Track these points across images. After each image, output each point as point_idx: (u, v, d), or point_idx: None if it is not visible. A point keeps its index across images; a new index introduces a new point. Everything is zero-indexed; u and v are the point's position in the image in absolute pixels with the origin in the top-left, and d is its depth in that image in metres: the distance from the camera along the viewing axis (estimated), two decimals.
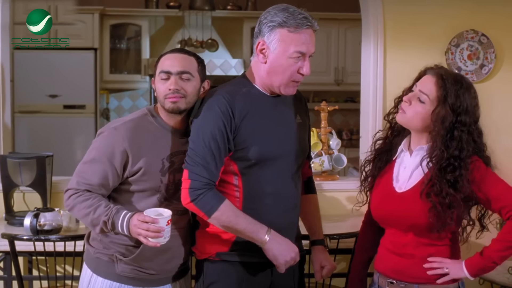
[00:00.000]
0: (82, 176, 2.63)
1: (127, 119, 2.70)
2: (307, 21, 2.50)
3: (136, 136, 2.62)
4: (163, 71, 2.64)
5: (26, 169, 3.92)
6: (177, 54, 2.70)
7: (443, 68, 2.59)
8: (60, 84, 7.39)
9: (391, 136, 2.70)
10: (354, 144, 7.67)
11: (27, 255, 3.92)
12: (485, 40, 4.32)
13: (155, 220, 2.46)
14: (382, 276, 2.65)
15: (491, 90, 4.36)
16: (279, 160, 2.60)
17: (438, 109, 2.48)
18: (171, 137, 2.69)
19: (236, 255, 2.61)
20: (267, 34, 2.51)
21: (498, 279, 3.69)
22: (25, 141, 7.18)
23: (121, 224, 2.52)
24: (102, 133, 2.67)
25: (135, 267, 2.68)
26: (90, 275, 2.74)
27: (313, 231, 2.92)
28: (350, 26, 8.02)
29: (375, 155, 2.73)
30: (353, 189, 2.82)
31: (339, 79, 8.22)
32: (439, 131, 2.48)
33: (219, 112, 2.51)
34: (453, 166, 2.46)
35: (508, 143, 4.33)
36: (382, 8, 4.29)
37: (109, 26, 7.97)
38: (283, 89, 2.57)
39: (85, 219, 2.61)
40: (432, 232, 2.49)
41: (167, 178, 2.66)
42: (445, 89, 2.49)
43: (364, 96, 4.46)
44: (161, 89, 2.65)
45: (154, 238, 2.46)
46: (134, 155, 2.60)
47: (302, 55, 2.52)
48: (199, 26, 8.20)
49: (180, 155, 2.67)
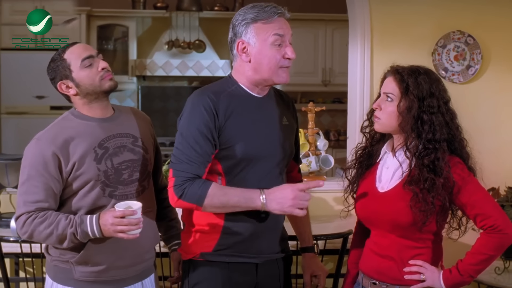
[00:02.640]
0: (26, 197, 2.57)
1: (47, 128, 2.66)
2: (277, 9, 2.53)
3: (60, 137, 2.58)
4: (85, 57, 2.62)
5: (12, 171, 3.90)
6: (79, 43, 2.70)
7: (399, 66, 2.62)
8: (47, 85, 7.21)
9: (370, 146, 2.73)
10: (341, 145, 7.69)
11: (13, 256, 3.90)
12: (472, 41, 4.35)
13: (134, 212, 2.45)
14: (365, 276, 2.67)
15: (478, 90, 4.39)
16: (263, 161, 2.59)
17: (402, 102, 2.52)
18: (98, 125, 2.66)
19: (220, 256, 2.59)
20: (243, 32, 2.54)
21: (485, 279, 3.70)
22: (12, 142, 7.16)
23: (91, 230, 2.50)
24: (28, 149, 2.62)
25: (92, 270, 2.63)
26: (50, 284, 2.70)
27: (303, 237, 2.91)
28: (337, 27, 8.04)
29: (356, 162, 2.75)
30: (341, 190, 2.82)
31: (327, 80, 8.23)
32: (408, 121, 2.51)
33: (204, 111, 2.50)
34: (428, 149, 2.49)
35: (494, 143, 4.36)
36: (369, 9, 4.30)
37: (96, 27, 7.95)
38: (276, 78, 2.57)
39: (49, 239, 2.55)
40: (416, 226, 2.49)
41: (104, 165, 2.61)
42: (404, 80, 2.53)
43: (351, 97, 4.47)
44: (92, 74, 2.62)
45: (134, 230, 2.47)
46: (63, 155, 2.56)
47: (281, 39, 2.53)
48: (186, 27, 8.20)
49: (113, 139, 2.65)
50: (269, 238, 2.66)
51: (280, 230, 2.73)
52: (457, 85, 4.35)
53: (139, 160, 2.71)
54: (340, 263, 3.70)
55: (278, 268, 2.70)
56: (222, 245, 2.58)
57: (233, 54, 2.62)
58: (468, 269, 2.49)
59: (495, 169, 4.22)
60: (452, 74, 4.34)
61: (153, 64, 8.15)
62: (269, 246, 2.67)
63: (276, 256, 2.71)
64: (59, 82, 2.67)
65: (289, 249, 2.82)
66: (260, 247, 2.63)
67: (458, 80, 4.35)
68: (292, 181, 2.76)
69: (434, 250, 2.56)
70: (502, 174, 4.13)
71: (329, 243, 3.64)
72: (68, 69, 2.63)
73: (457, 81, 4.35)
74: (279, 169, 2.67)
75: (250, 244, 2.60)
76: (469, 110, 4.28)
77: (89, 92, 2.64)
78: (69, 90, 2.66)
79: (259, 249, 2.63)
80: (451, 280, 2.52)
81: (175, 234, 2.98)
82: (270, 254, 2.68)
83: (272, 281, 2.70)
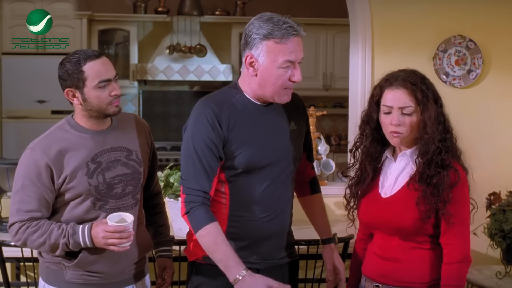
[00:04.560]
0: (20, 206, 2.58)
1: (42, 136, 2.65)
2: (293, 29, 2.47)
3: (54, 149, 2.57)
4: (103, 80, 2.58)
5: (13, 175, 3.87)
6: (102, 58, 2.62)
7: (399, 75, 2.56)
8: (48, 89, 7.36)
9: (369, 164, 2.66)
10: (342, 150, 7.69)
11: (14, 261, 3.90)
12: (473, 46, 4.35)
13: (126, 227, 2.48)
14: (368, 280, 2.66)
15: (479, 95, 4.38)
16: (268, 168, 2.59)
17: (425, 111, 2.49)
18: (92, 139, 2.64)
19: None
20: (254, 47, 2.49)
21: (486, 283, 3.70)
22: (13, 146, 7.15)
23: (83, 240, 2.53)
24: (22, 158, 2.63)
25: (83, 273, 2.64)
26: (43, 285, 2.71)
27: (323, 230, 2.90)
28: (338, 31, 8.05)
29: (355, 183, 2.72)
30: (342, 195, 2.82)
31: (328, 84, 8.24)
32: (435, 131, 2.49)
33: (207, 123, 2.50)
34: (439, 148, 2.49)
35: (495, 148, 4.36)
36: (370, 13, 4.30)
37: (97, 32, 7.97)
38: (277, 98, 2.56)
39: (42, 247, 2.59)
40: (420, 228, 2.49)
41: (95, 180, 2.61)
42: (418, 89, 2.49)
43: (352, 102, 4.47)
44: (102, 96, 2.59)
45: (125, 243, 2.51)
46: (56, 167, 2.56)
47: (291, 64, 2.50)
48: (187, 32, 8.21)
49: (106, 154, 2.65)
50: (273, 244, 2.65)
51: (285, 236, 2.72)
52: (458, 90, 4.35)
53: (132, 174, 2.71)
54: None
55: (282, 273, 2.69)
56: None
57: (243, 61, 2.58)
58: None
59: (496, 173, 4.22)
60: (453, 79, 4.34)
61: (154, 69, 8.16)
62: (273, 252, 2.67)
63: (280, 262, 2.70)
64: (68, 89, 2.62)
65: (296, 254, 2.81)
66: (263, 253, 2.63)
67: (459, 85, 4.35)
68: (304, 180, 2.84)
69: (437, 252, 2.55)
70: (503, 179, 4.13)
71: None
72: (82, 83, 2.58)
73: (458, 86, 4.35)
74: (285, 174, 2.66)
75: (251, 250, 2.61)
76: (470, 115, 4.29)
77: (92, 109, 2.62)
78: (74, 100, 2.63)
79: (262, 254, 2.63)
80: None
81: (163, 241, 3.00)
82: (274, 260, 2.67)
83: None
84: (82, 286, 2.66)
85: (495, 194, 3.90)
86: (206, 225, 2.48)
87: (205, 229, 2.48)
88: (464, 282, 2.51)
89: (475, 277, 3.78)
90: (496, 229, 3.70)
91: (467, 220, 2.52)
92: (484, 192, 3.73)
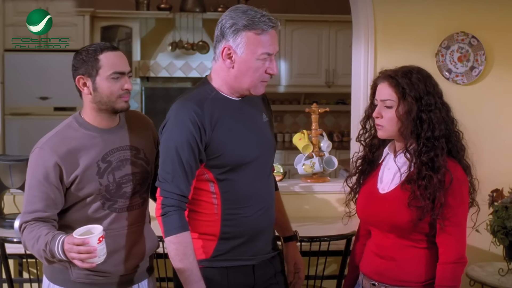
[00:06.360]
0: (26, 207, 2.56)
1: (50, 134, 2.62)
2: (272, 22, 2.48)
3: (63, 148, 2.55)
4: (117, 71, 2.56)
5: (16, 172, 3.91)
6: (119, 52, 2.61)
7: (388, 70, 2.61)
8: (51, 86, 7.37)
9: (370, 154, 2.72)
10: (345, 146, 7.69)
11: (17, 257, 3.90)
12: (475, 42, 4.34)
13: (85, 241, 2.29)
14: (365, 277, 2.67)
15: (482, 92, 4.38)
16: (254, 163, 2.59)
17: (400, 106, 2.51)
18: (102, 138, 2.62)
19: (218, 261, 2.59)
20: (232, 38, 2.47)
21: (489, 280, 3.70)
22: (16, 143, 7.15)
23: (57, 251, 2.38)
24: (31, 158, 2.59)
25: (89, 272, 2.60)
26: (47, 284, 2.69)
27: (285, 227, 2.91)
28: (341, 28, 8.02)
29: (357, 171, 2.75)
30: (344, 192, 2.82)
31: (330, 81, 8.23)
32: (407, 125, 2.51)
33: (190, 125, 2.46)
34: (427, 147, 2.49)
35: (498, 144, 4.36)
36: (372, 10, 4.30)
37: (100, 28, 7.96)
38: (253, 91, 2.55)
39: (34, 252, 2.51)
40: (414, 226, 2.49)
41: (106, 180, 2.59)
42: (399, 84, 2.52)
43: (355, 98, 4.47)
44: (114, 88, 2.57)
45: (89, 259, 2.31)
46: (66, 166, 2.53)
47: (269, 56, 2.50)
48: (190, 28, 8.21)
49: (116, 153, 2.62)
50: (264, 239, 2.66)
51: (272, 229, 2.75)
52: (460, 86, 4.35)
53: (140, 173, 2.69)
54: (344, 265, 3.70)
55: (273, 266, 2.71)
56: (220, 251, 2.58)
57: (216, 53, 2.55)
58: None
59: (499, 170, 4.22)
60: (455, 75, 4.33)
61: (156, 65, 8.17)
62: (264, 246, 2.68)
63: (269, 255, 2.71)
64: (80, 76, 2.58)
65: (278, 247, 2.82)
66: (256, 249, 2.64)
67: (462, 82, 4.35)
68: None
69: (433, 251, 2.55)
70: (506, 175, 4.13)
71: (332, 244, 3.64)
72: (96, 71, 2.55)
73: (460, 83, 4.35)
74: (269, 166, 2.69)
75: (246, 247, 2.61)
76: (473, 111, 4.29)
77: (101, 101, 2.58)
78: (84, 89, 2.59)
79: (255, 250, 2.63)
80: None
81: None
82: (265, 254, 2.68)
83: (269, 280, 2.70)
84: (87, 285, 2.64)
85: (497, 191, 3.90)
86: (179, 233, 2.46)
87: (177, 237, 2.46)
88: (459, 282, 2.50)
89: (478, 274, 3.78)
90: (498, 226, 3.70)
91: (463, 221, 2.52)
92: (487, 189, 3.72)
